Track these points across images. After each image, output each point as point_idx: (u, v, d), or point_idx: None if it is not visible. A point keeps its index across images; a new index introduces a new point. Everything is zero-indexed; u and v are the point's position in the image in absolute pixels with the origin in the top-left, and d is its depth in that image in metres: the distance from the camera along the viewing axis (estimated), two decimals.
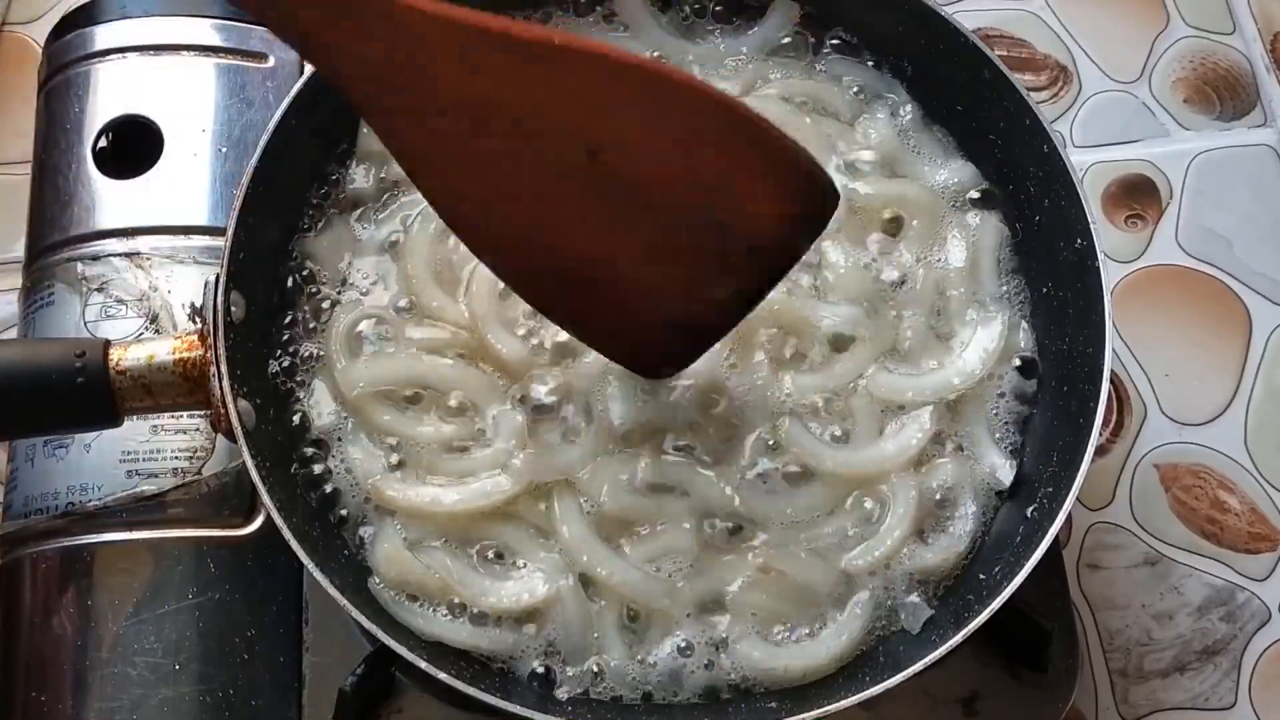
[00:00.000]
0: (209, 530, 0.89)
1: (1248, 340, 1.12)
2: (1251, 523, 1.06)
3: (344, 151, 0.95)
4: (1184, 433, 1.08)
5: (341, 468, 0.86)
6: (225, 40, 1.03)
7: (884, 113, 0.98)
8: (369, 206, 0.94)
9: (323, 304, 0.91)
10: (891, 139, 0.96)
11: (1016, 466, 0.88)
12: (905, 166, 0.96)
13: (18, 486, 0.91)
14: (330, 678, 0.83)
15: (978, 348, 0.91)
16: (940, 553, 0.86)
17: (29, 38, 1.21)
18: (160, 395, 0.82)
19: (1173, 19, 1.25)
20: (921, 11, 0.94)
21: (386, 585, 0.83)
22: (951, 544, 0.86)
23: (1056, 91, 1.22)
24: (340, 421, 0.88)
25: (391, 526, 0.84)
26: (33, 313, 0.95)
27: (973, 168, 0.96)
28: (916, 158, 0.97)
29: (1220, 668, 1.00)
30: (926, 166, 0.97)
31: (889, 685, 0.76)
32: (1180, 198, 1.17)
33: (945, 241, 0.94)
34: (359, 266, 0.92)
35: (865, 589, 0.84)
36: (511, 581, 0.83)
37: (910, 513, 0.86)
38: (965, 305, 0.92)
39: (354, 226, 0.94)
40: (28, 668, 0.86)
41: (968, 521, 0.87)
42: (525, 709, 0.76)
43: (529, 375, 0.87)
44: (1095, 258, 0.86)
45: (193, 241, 0.96)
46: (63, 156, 0.99)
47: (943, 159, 0.97)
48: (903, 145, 0.97)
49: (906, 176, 0.96)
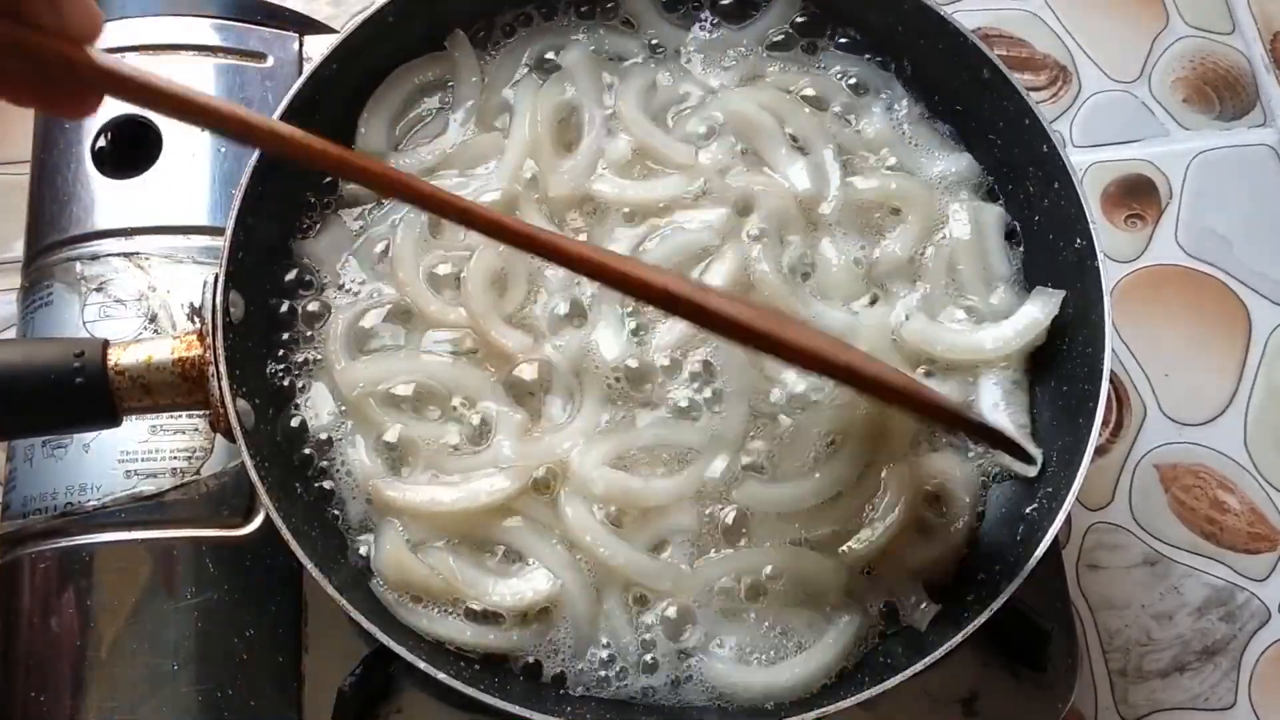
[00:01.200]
0: (208, 530, 0.89)
1: (1248, 340, 1.12)
2: (1251, 523, 1.06)
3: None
4: (1184, 433, 1.08)
5: (341, 469, 0.86)
6: (225, 40, 1.03)
7: (880, 107, 0.98)
8: (366, 207, 0.94)
9: (321, 304, 0.91)
10: (888, 132, 0.97)
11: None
12: (902, 160, 0.96)
13: (17, 486, 0.91)
14: (330, 678, 0.83)
15: (1025, 318, 0.90)
16: (938, 546, 0.86)
17: None
18: (159, 395, 0.82)
19: (1172, 19, 1.25)
20: (921, 10, 0.94)
21: (389, 588, 0.83)
22: (949, 537, 0.87)
23: (1056, 91, 1.22)
24: (340, 421, 0.88)
25: (393, 528, 0.84)
26: (32, 312, 0.95)
27: (969, 158, 0.97)
28: (914, 150, 0.97)
29: (1220, 668, 1.00)
30: (924, 159, 0.97)
31: (889, 685, 0.76)
32: (1180, 198, 1.17)
33: (948, 221, 0.94)
34: (357, 266, 0.92)
35: (852, 610, 0.84)
36: (516, 579, 0.83)
37: (904, 501, 0.86)
38: (976, 279, 0.93)
39: (352, 227, 0.94)
40: (27, 668, 0.86)
41: (964, 513, 0.87)
42: (525, 709, 0.76)
43: (513, 362, 0.88)
44: (1095, 257, 0.86)
45: (192, 241, 0.96)
46: (62, 156, 0.99)
47: (939, 151, 0.97)
48: (899, 139, 0.97)
49: (903, 170, 0.96)
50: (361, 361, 0.88)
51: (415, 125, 0.97)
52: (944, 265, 0.93)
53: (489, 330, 0.88)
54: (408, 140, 0.97)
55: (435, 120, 0.97)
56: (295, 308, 0.91)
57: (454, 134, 0.96)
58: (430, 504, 0.84)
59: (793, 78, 0.99)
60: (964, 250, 0.93)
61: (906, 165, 0.96)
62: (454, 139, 0.96)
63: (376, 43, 0.94)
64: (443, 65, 0.98)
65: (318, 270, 0.92)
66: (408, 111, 0.97)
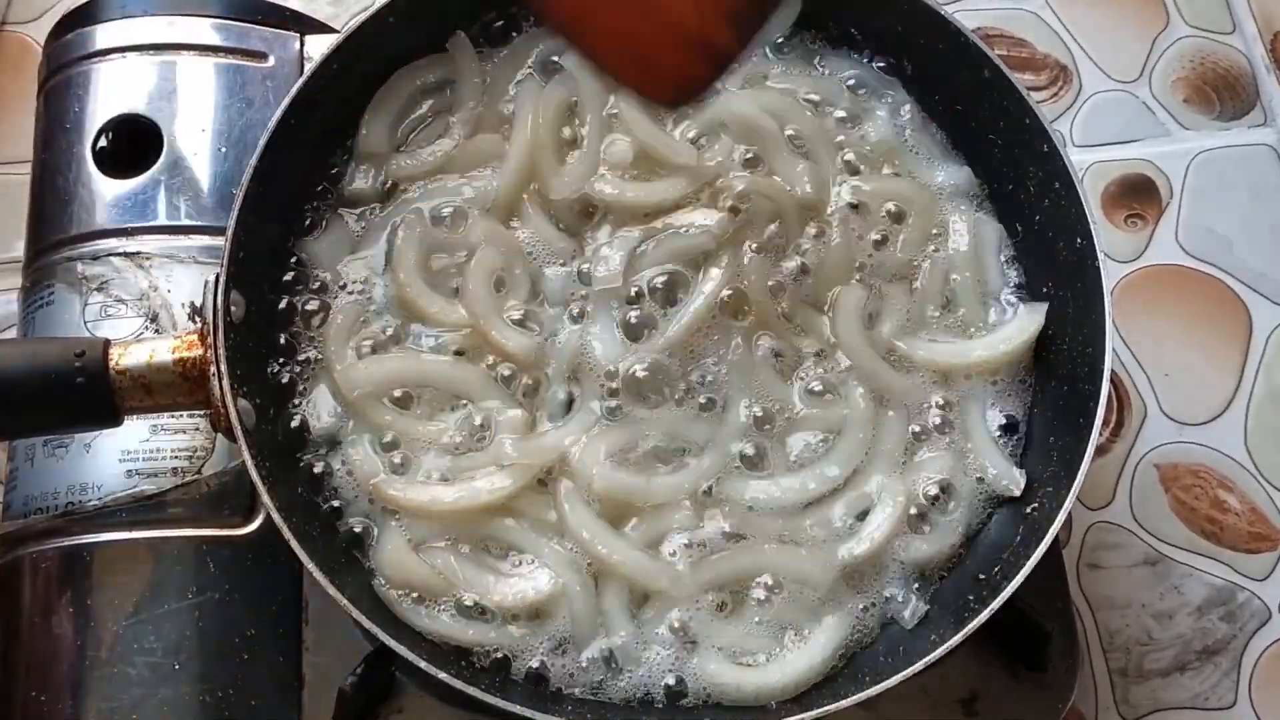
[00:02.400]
0: (209, 530, 0.89)
1: (1248, 340, 1.12)
2: (1251, 522, 1.06)
3: (344, 151, 0.96)
4: (1184, 432, 1.08)
5: (342, 469, 0.87)
6: (225, 40, 1.03)
7: (884, 110, 0.98)
8: (369, 207, 0.94)
9: (322, 303, 0.91)
10: (891, 138, 0.97)
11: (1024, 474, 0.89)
12: (904, 165, 0.97)
13: (18, 486, 0.91)
14: (330, 678, 0.83)
15: (1015, 328, 0.91)
16: (935, 543, 0.86)
17: (29, 38, 1.21)
18: (160, 395, 0.82)
19: (1173, 19, 1.25)
20: (921, 11, 0.94)
21: (391, 586, 0.83)
22: (944, 536, 0.87)
23: (1056, 91, 1.22)
24: (341, 421, 0.88)
25: (394, 527, 0.84)
26: (33, 312, 0.95)
27: (968, 171, 0.97)
28: (915, 158, 0.97)
29: (1220, 667, 1.00)
30: (924, 167, 0.97)
31: (889, 685, 0.76)
32: (1180, 197, 1.17)
33: (947, 231, 0.95)
34: (358, 266, 0.92)
35: (843, 611, 0.84)
36: (517, 578, 0.84)
37: (899, 508, 0.86)
38: (971, 292, 0.93)
39: (354, 227, 0.94)
40: (28, 668, 0.86)
41: (960, 510, 0.88)
42: (525, 709, 0.76)
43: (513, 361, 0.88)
44: (1095, 257, 0.86)
45: (193, 241, 0.96)
46: (63, 156, 0.99)
47: (940, 160, 0.97)
48: (901, 144, 0.97)
49: (905, 175, 0.96)
50: (361, 363, 0.88)
51: (417, 126, 0.97)
52: (941, 275, 0.93)
53: (489, 330, 0.88)
54: (409, 142, 0.97)
55: (437, 122, 0.97)
56: (295, 305, 0.91)
57: (455, 135, 0.96)
58: (431, 502, 0.84)
59: (795, 80, 0.99)
60: (961, 263, 0.94)
61: (908, 171, 0.97)
62: (455, 140, 0.96)
63: (377, 43, 0.94)
64: (444, 67, 0.98)
65: (319, 270, 0.92)
66: (409, 113, 0.97)
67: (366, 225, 0.94)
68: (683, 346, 0.89)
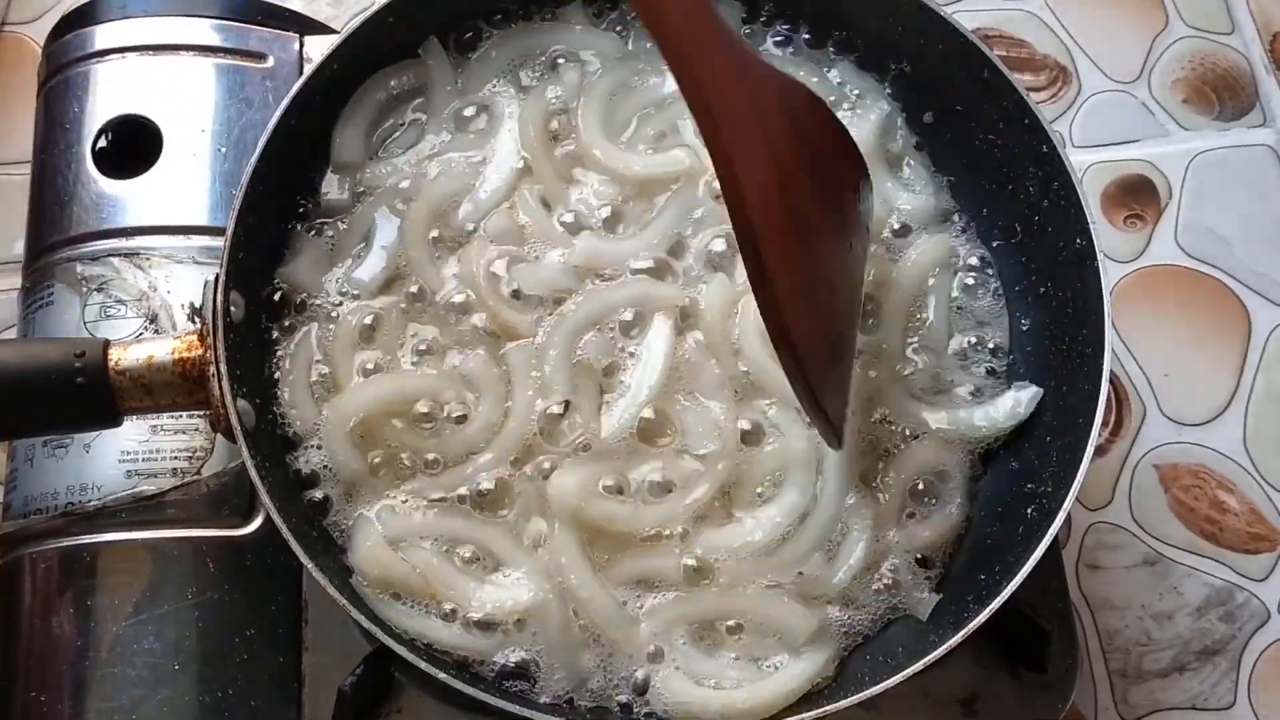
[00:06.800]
0: (209, 530, 0.89)
1: (1247, 340, 1.12)
2: (1251, 523, 1.06)
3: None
4: (1183, 433, 1.08)
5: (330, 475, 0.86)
6: (225, 40, 1.03)
7: (875, 115, 0.97)
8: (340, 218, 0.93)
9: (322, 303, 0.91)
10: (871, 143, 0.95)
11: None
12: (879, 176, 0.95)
13: (17, 486, 0.91)
14: (330, 678, 0.83)
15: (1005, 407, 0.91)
16: (934, 528, 0.87)
17: (29, 38, 1.21)
18: (160, 395, 0.82)
19: (1172, 19, 1.25)
20: (920, 11, 0.94)
21: (369, 584, 0.82)
22: (945, 518, 0.88)
23: (1056, 91, 1.22)
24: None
25: (372, 524, 0.84)
26: (32, 312, 0.95)
27: (942, 197, 0.97)
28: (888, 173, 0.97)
29: (1219, 668, 1.00)
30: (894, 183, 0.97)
31: (889, 685, 0.76)
32: (1179, 198, 1.17)
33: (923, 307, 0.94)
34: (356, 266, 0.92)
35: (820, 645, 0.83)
36: (494, 587, 0.83)
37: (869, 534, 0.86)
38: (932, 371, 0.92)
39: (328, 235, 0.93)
40: (28, 668, 0.86)
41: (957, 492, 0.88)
42: (525, 709, 0.76)
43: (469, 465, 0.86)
44: (1095, 258, 0.86)
45: (192, 241, 0.96)
46: (62, 156, 0.99)
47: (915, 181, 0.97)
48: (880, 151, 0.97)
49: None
50: (347, 393, 0.87)
51: (392, 133, 0.97)
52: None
53: (499, 310, 0.88)
54: (384, 149, 0.96)
55: (410, 129, 0.96)
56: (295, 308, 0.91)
57: (430, 142, 0.95)
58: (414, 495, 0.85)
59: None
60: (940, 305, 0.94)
61: (878, 187, 0.94)
62: (430, 147, 0.95)
63: (377, 43, 0.94)
64: (417, 71, 0.97)
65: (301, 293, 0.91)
66: (383, 120, 0.96)
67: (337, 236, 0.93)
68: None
